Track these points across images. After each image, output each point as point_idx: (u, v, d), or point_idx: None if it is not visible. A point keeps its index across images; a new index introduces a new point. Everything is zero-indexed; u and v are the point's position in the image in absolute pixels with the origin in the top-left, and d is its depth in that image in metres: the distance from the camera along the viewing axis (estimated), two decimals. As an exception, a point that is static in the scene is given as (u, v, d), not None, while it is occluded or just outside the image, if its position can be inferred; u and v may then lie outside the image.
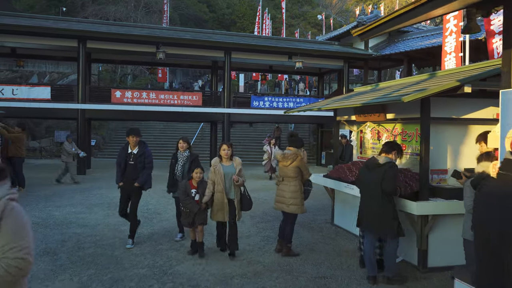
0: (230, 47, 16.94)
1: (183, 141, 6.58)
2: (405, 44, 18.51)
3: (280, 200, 5.99)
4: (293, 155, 5.79)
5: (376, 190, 4.60)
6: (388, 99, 4.63)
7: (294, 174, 5.80)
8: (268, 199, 10.38)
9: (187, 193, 5.67)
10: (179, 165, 6.53)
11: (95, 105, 15.86)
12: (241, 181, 5.55)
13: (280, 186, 6.02)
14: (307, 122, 22.30)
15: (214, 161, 5.69)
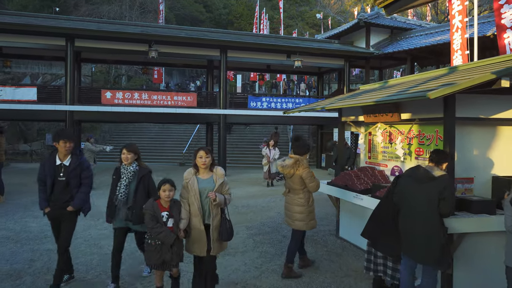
0: (226, 45, 16.20)
1: (128, 150, 4.77)
2: (408, 42, 17.80)
3: (287, 213, 5.33)
4: (291, 166, 5.09)
5: (425, 208, 3.71)
6: (409, 96, 3.88)
7: (299, 185, 5.10)
8: (266, 207, 9.62)
9: (157, 218, 4.10)
10: (122, 184, 4.67)
11: (84, 106, 15.08)
12: (220, 201, 4.04)
13: (287, 199, 5.35)
14: (306, 124, 21.59)
15: (187, 173, 4.23)
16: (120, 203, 4.64)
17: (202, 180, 4.16)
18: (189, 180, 4.16)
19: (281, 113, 17.43)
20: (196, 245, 4.13)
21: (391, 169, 5.79)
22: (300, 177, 5.04)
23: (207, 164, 4.14)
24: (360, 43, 19.59)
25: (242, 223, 7.86)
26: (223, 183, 4.19)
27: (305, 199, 5.11)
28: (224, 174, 4.26)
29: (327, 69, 20.60)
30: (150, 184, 4.79)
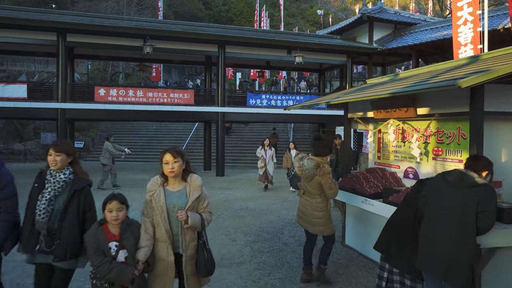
0: (223, 41, 15.60)
1: (56, 150, 3.24)
2: (413, 37, 17.19)
3: (303, 216, 4.75)
4: (313, 170, 4.49)
5: (459, 218, 3.06)
6: (434, 86, 3.27)
7: (317, 190, 4.56)
8: (266, 210, 9.03)
9: (102, 250, 3.01)
10: (44, 198, 3.17)
11: (77, 104, 14.49)
12: (194, 223, 3.05)
13: (302, 201, 4.77)
14: (307, 122, 21.01)
15: (151, 183, 3.22)
16: (40, 225, 3.12)
17: (171, 194, 3.12)
18: (153, 193, 3.12)
19: (281, 111, 16.90)
20: (158, 281, 3.08)
21: (404, 170, 5.20)
22: (318, 183, 4.51)
23: (176, 171, 3.07)
24: (362, 39, 18.98)
25: (240, 228, 7.28)
26: (200, 197, 3.15)
27: (324, 204, 4.59)
28: (201, 185, 3.19)
29: (329, 65, 20.00)
30: (87, 202, 3.39)
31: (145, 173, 16.68)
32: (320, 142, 4.62)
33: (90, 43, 14.77)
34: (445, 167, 4.41)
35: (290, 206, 9.58)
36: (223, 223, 7.72)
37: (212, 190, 12.19)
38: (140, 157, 22.44)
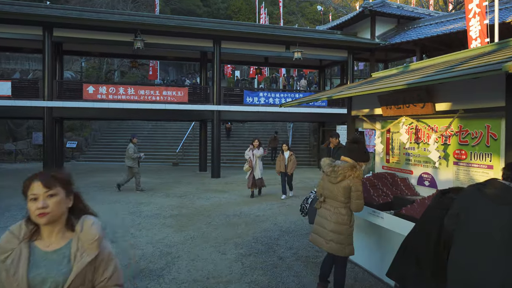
0: (219, 35, 14.87)
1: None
2: (417, 32, 16.46)
3: (318, 230, 3.99)
4: (346, 169, 3.80)
5: (505, 241, 2.32)
6: (469, 72, 2.54)
7: (344, 196, 3.82)
8: (261, 216, 8.30)
9: None
10: None
11: (64, 102, 13.77)
12: None
13: (322, 212, 4.00)
14: (307, 121, 20.27)
15: (5, 238, 1.73)
16: None
17: (41, 257, 1.74)
18: (8, 254, 1.70)
19: (279, 109, 16.15)
20: None
21: (418, 176, 4.48)
22: (348, 188, 3.77)
23: (52, 213, 1.72)
24: (364, 34, 18.26)
25: (231, 239, 6.56)
26: (98, 261, 1.77)
27: (348, 216, 3.85)
28: (99, 237, 1.78)
29: (329, 62, 19.26)
30: None
31: (137, 174, 15.94)
32: (358, 146, 3.91)
33: (79, 38, 14.06)
34: (470, 174, 3.69)
35: (287, 211, 8.86)
36: (213, 232, 7.01)
37: (205, 192, 11.47)
38: (134, 157, 21.70)
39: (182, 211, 8.81)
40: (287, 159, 10.48)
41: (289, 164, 10.46)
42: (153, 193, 11.26)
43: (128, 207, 9.16)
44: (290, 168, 10.46)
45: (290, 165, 10.45)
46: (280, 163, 10.53)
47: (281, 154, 10.65)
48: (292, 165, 10.46)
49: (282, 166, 10.48)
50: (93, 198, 10.35)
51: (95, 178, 14.77)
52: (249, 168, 10.62)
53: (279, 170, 10.56)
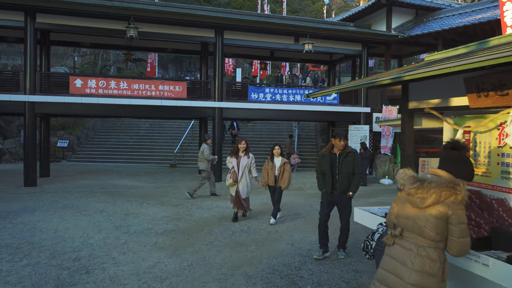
0: (222, 25, 13.42)
1: None
2: (438, 23, 15.03)
3: (388, 280, 2.52)
4: (443, 188, 2.37)
5: None
6: None
7: (436, 231, 2.39)
8: (274, 233, 6.84)
9: None
10: None
11: (48, 96, 12.32)
12: None
13: (394, 251, 2.55)
14: (316, 120, 18.85)
15: None
16: None
17: None
18: None
19: (286, 107, 14.71)
20: None
21: (525, 198, 3.03)
22: (443, 218, 2.34)
23: None
24: (379, 27, 16.83)
25: (240, 267, 5.11)
26: None
27: (441, 263, 2.40)
28: None
29: (341, 56, 17.82)
30: None
31: (132, 177, 14.55)
32: (459, 154, 2.53)
33: (66, 25, 12.61)
34: None
35: (304, 225, 7.42)
36: (216, 256, 5.55)
37: (206, 200, 10.01)
38: (129, 158, 20.28)
39: (178, 225, 7.35)
40: (279, 168, 7.51)
41: (283, 176, 7.47)
42: (145, 201, 9.80)
43: (113, 220, 7.70)
44: (284, 182, 7.44)
45: (284, 177, 7.45)
46: (268, 173, 7.57)
47: (269, 160, 7.62)
48: (286, 177, 7.44)
49: (271, 177, 7.52)
50: (75, 206, 8.89)
51: (84, 180, 13.32)
52: (233, 183, 7.65)
53: (265, 182, 7.62)
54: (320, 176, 5.54)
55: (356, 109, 15.66)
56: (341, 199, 5.46)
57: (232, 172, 7.62)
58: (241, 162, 7.68)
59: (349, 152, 5.36)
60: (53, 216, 7.94)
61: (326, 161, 5.40)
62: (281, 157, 7.61)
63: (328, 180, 5.41)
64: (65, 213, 8.22)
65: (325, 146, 5.75)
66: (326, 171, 5.39)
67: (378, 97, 16.30)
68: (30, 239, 6.27)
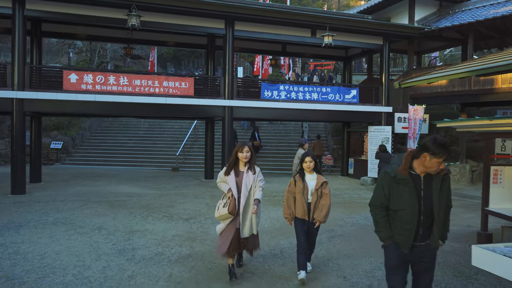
0: (233, 14, 12.09)
1: None
2: (466, 15, 13.78)
3: None
4: None
5: None
6: None
7: None
8: (312, 259, 5.50)
9: None
10: None
11: (39, 93, 10.94)
12: None
13: None
14: (330, 120, 17.59)
15: None
16: None
17: None
18: None
19: (303, 106, 13.39)
20: None
21: None
22: None
23: None
24: (399, 20, 15.56)
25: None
26: None
27: None
28: None
29: (358, 52, 16.53)
30: None
31: (132, 183, 13.19)
32: None
33: (59, 13, 11.23)
34: None
35: (346, 247, 6.11)
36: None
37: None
38: (127, 160, 18.91)
39: (194, 248, 6.01)
40: (314, 192, 4.68)
41: (320, 203, 4.67)
42: (150, 213, 8.44)
43: (115, 240, 6.34)
44: (321, 212, 4.64)
45: (321, 204, 4.66)
46: (295, 200, 4.73)
47: (297, 179, 4.78)
48: (326, 205, 4.66)
49: (302, 206, 4.67)
50: (68, 221, 7.52)
51: (79, 187, 11.96)
52: (229, 216, 4.58)
53: (292, 215, 4.75)
54: (381, 213, 3.19)
55: (377, 108, 14.38)
56: (424, 255, 3.15)
57: (229, 198, 4.58)
58: (245, 181, 4.63)
59: (445, 173, 3.10)
60: (42, 235, 6.58)
61: (406, 189, 3.04)
62: (315, 173, 4.80)
63: (408, 225, 3.05)
64: (56, 230, 6.86)
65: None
66: (405, 208, 3.05)
67: (400, 96, 15.03)
68: (10, 270, 4.91)
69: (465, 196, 12.03)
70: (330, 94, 13.84)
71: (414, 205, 3.01)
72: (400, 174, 3.04)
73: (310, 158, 4.75)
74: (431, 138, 2.90)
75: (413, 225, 3.03)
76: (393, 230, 3.14)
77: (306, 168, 4.77)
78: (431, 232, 3.09)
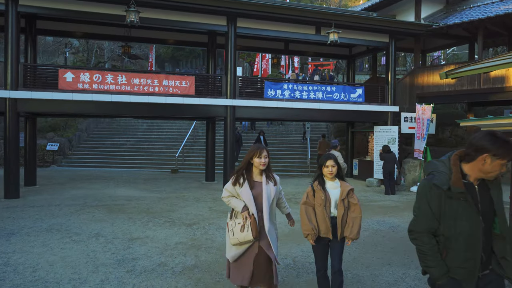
0: (235, 10, 11.64)
1: None
2: (476, 11, 13.38)
3: None
4: None
5: None
6: None
7: None
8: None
9: None
10: None
11: (33, 92, 10.47)
12: None
13: None
14: (335, 120, 17.16)
15: None
16: None
17: None
18: None
19: (308, 106, 12.97)
20: None
21: None
22: None
23: None
24: (404, 17, 15.15)
25: None
26: None
27: None
28: None
29: (362, 50, 16.13)
30: None
31: (130, 185, 12.73)
32: None
33: (54, 9, 10.77)
34: None
35: (365, 255, 5.67)
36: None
37: (224, 217, 8.16)
38: (125, 162, 18.44)
39: (199, 257, 5.56)
40: (339, 203, 3.79)
41: (348, 216, 3.81)
42: (150, 218, 7.98)
43: (114, 248, 5.88)
44: (353, 227, 3.77)
45: (351, 218, 3.80)
46: (316, 214, 3.79)
47: (316, 187, 3.83)
48: (357, 218, 3.81)
49: (324, 221, 3.73)
50: (63, 227, 7.05)
51: (76, 190, 11.50)
52: (250, 241, 3.53)
53: (315, 233, 3.72)
54: (430, 242, 2.40)
55: (383, 108, 13.96)
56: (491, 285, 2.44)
57: (247, 218, 3.51)
58: (266, 194, 3.60)
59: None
60: (35, 243, 6.11)
61: (462, 205, 2.34)
62: (338, 179, 3.89)
63: (471, 252, 2.35)
64: (50, 238, 6.39)
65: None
66: (464, 231, 2.33)
67: (406, 95, 14.62)
68: None
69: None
70: (335, 93, 13.41)
71: (476, 225, 2.31)
72: (455, 187, 2.30)
73: (333, 162, 3.80)
74: (489, 135, 2.27)
75: (477, 252, 2.33)
76: (448, 262, 2.37)
77: (327, 174, 3.82)
78: (492, 256, 2.43)
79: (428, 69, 14.85)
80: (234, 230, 3.55)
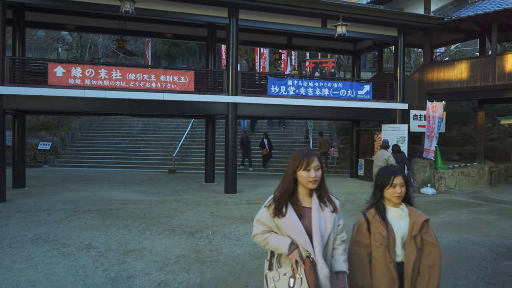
0: (238, 1, 10.92)
1: None
2: (489, 4, 12.74)
3: None
4: None
5: None
6: None
7: None
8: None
9: None
10: None
11: (21, 88, 9.70)
12: None
13: None
14: (341, 118, 16.51)
15: None
16: None
17: None
18: None
19: (313, 103, 12.27)
20: None
21: None
22: None
23: None
24: (413, 10, 14.48)
25: None
26: None
27: None
28: None
29: (368, 45, 15.41)
30: None
31: (126, 187, 12.01)
32: None
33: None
34: None
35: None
36: None
37: (228, 223, 7.42)
38: (120, 162, 17.68)
39: (204, 274, 4.87)
40: (408, 238, 2.46)
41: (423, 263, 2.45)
42: (148, 226, 7.26)
43: (106, 263, 5.17)
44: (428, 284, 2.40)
45: (425, 267, 2.44)
46: (379, 260, 2.45)
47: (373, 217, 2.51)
48: (433, 265, 2.44)
49: (389, 271, 2.42)
50: (51, 237, 6.32)
51: (67, 193, 10.76)
52: None
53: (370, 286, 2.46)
54: None
55: (392, 105, 13.30)
56: None
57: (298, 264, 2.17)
58: (319, 225, 2.25)
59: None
60: (17, 257, 5.39)
61: None
62: (405, 205, 2.57)
63: None
64: (35, 251, 5.67)
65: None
66: None
67: (415, 92, 13.97)
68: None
69: (489, 200, 11.00)
70: (342, 90, 12.74)
71: None
72: None
73: (402, 179, 2.50)
74: None
75: None
76: None
77: (393, 198, 2.51)
78: None
79: (438, 64, 14.21)
80: (277, 286, 2.21)
